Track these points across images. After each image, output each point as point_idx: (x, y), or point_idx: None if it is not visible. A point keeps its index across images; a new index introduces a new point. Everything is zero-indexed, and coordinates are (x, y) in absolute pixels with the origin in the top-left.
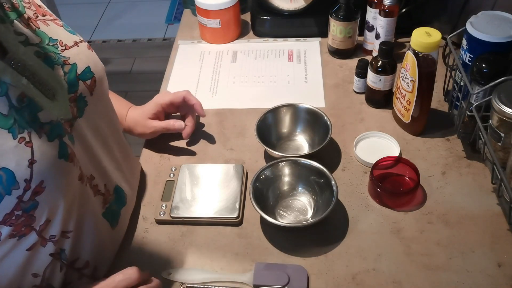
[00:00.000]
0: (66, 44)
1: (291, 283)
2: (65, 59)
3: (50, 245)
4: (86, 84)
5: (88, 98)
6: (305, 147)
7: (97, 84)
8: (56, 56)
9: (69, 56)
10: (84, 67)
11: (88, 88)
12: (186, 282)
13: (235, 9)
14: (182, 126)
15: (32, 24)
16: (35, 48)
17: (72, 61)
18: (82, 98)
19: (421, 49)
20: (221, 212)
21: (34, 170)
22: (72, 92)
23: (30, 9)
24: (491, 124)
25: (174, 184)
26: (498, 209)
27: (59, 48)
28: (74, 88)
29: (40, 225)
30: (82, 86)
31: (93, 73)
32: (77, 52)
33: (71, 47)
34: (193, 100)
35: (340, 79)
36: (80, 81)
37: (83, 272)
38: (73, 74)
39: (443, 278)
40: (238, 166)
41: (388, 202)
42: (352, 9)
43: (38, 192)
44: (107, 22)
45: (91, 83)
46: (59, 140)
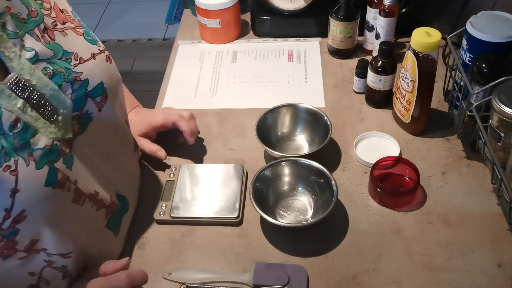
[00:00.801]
0: (81, 57)
1: (291, 283)
2: (76, 75)
3: (43, 254)
4: (96, 101)
5: (94, 114)
6: (305, 147)
7: (108, 100)
8: (67, 72)
9: (81, 72)
10: (97, 83)
11: (96, 105)
12: (186, 282)
13: (235, 9)
14: (162, 157)
15: (47, 36)
16: (44, 64)
17: (84, 76)
18: (87, 115)
19: (421, 49)
20: (221, 212)
21: (16, 200)
22: (78, 110)
23: (50, 16)
24: (491, 124)
25: (174, 184)
26: (498, 209)
27: (72, 63)
28: (80, 106)
29: (25, 246)
30: (91, 103)
31: (106, 89)
32: (92, 66)
33: (86, 60)
34: (183, 126)
35: (340, 79)
36: (89, 98)
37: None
38: (82, 91)
39: (443, 278)
40: (238, 166)
41: (388, 202)
42: (352, 9)
43: (18, 221)
44: (107, 22)
45: (101, 99)
46: (49, 167)
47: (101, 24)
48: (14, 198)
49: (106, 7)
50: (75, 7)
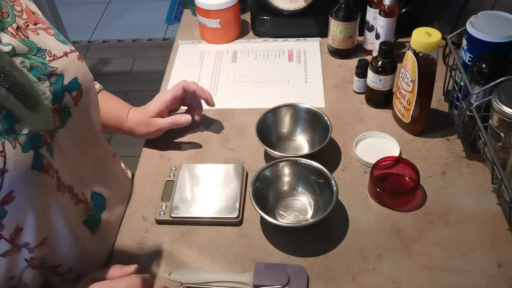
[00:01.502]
0: (54, 54)
1: (291, 283)
2: (52, 70)
3: (24, 251)
4: (72, 95)
5: (72, 109)
6: (305, 147)
7: (83, 95)
8: (43, 67)
9: (57, 67)
10: (72, 78)
11: (73, 99)
12: (186, 282)
13: (235, 9)
14: (189, 120)
15: (21, 33)
16: (21, 59)
17: (59, 71)
18: (66, 109)
19: (421, 49)
20: (221, 212)
21: (5, 180)
22: (57, 103)
23: (21, 17)
24: (491, 124)
25: (174, 184)
26: (498, 209)
27: (47, 59)
28: (59, 99)
29: (10, 234)
30: (68, 97)
31: (80, 84)
32: (65, 63)
33: (60, 57)
34: (192, 86)
35: (340, 79)
36: (66, 92)
37: (65, 277)
38: (59, 84)
39: (443, 278)
40: (238, 166)
41: (388, 202)
42: (352, 9)
43: (6, 202)
44: (107, 22)
45: (77, 94)
46: (35, 151)
47: (101, 24)
48: (3, 178)
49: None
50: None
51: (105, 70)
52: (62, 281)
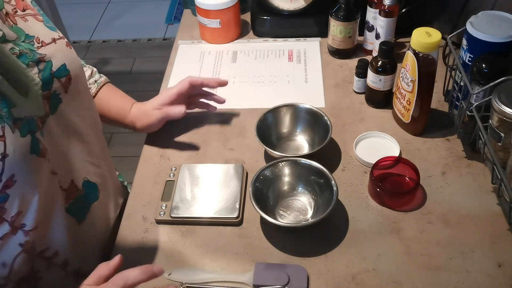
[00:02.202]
0: (43, 41)
1: (291, 283)
2: (40, 56)
3: (20, 234)
4: (61, 81)
5: (62, 95)
6: (305, 147)
7: (72, 82)
8: (32, 54)
9: (45, 53)
10: (60, 65)
11: (62, 85)
12: (186, 282)
13: (235, 9)
14: (182, 111)
15: (9, 20)
16: (10, 45)
17: (48, 58)
18: (56, 96)
19: (421, 49)
20: (221, 212)
21: (6, 164)
22: (46, 89)
23: (10, 3)
24: (491, 124)
25: (174, 184)
26: (498, 209)
27: (35, 45)
28: (48, 86)
29: (12, 217)
30: (57, 83)
31: (69, 70)
32: (54, 49)
33: (48, 44)
34: (198, 80)
35: (340, 79)
36: (55, 78)
37: (52, 261)
38: (47, 71)
39: (443, 278)
40: (238, 166)
41: (388, 202)
42: (352, 9)
43: (8, 186)
44: (107, 22)
45: (66, 80)
46: (32, 136)
47: (101, 24)
48: (4, 162)
49: (106, 7)
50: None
51: (105, 70)
52: (49, 266)
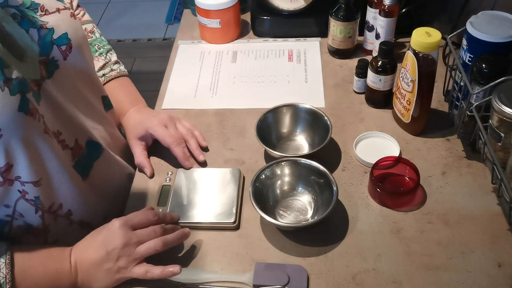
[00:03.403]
0: (47, 9)
1: (291, 283)
2: (42, 23)
3: (17, 184)
4: (61, 49)
5: (60, 62)
6: (305, 147)
7: (73, 50)
8: (34, 20)
9: (47, 21)
10: (61, 33)
11: (62, 53)
12: (186, 282)
13: (235, 9)
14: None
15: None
16: (12, 10)
17: (50, 25)
18: (53, 62)
19: (421, 49)
20: (217, 217)
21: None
22: (44, 54)
23: None
24: (491, 124)
25: (171, 188)
26: (498, 209)
27: (38, 13)
28: (47, 51)
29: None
30: (56, 50)
31: (70, 39)
32: (57, 19)
33: (51, 13)
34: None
35: (340, 79)
36: (55, 45)
37: (58, 213)
38: (48, 38)
39: (443, 278)
40: (234, 170)
41: (388, 202)
42: (352, 9)
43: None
44: (107, 22)
45: (66, 48)
46: (21, 95)
47: (101, 24)
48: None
49: (106, 7)
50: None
51: None
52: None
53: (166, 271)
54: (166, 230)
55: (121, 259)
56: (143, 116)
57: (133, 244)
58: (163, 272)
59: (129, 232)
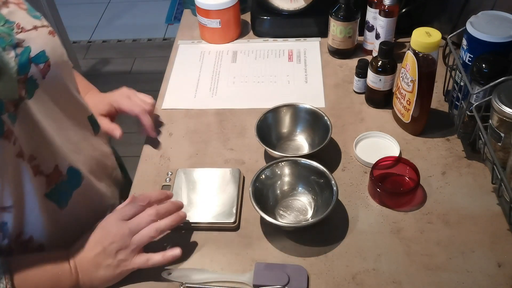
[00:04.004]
0: (23, 27)
1: (291, 283)
2: (18, 41)
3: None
4: (39, 67)
5: (39, 81)
6: (305, 147)
7: (51, 68)
8: (10, 37)
9: (23, 39)
10: (39, 51)
11: (40, 71)
12: (186, 282)
13: (235, 9)
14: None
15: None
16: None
17: (26, 43)
18: (32, 81)
19: (421, 49)
20: (217, 217)
21: None
22: (22, 73)
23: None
24: (491, 124)
25: (170, 189)
26: (498, 209)
27: (14, 30)
28: (25, 70)
29: None
30: (34, 68)
31: (48, 57)
32: (34, 36)
33: (28, 30)
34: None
35: (340, 79)
36: (33, 64)
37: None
38: (25, 56)
39: (443, 278)
40: (234, 170)
41: (388, 202)
42: (352, 9)
43: None
44: (107, 22)
45: (44, 66)
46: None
47: (101, 24)
48: None
49: (106, 7)
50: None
51: (105, 70)
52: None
53: (167, 256)
54: (159, 212)
55: (120, 252)
56: (101, 96)
57: (129, 234)
58: (164, 257)
59: (123, 224)
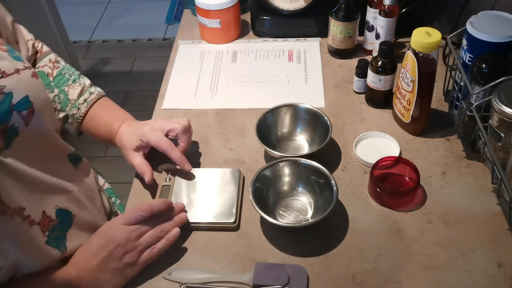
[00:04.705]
0: (4, 71)
1: (291, 283)
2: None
3: None
4: (22, 114)
5: (21, 128)
6: (305, 147)
7: (35, 114)
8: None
9: (5, 85)
10: (22, 97)
11: (23, 119)
12: (186, 282)
13: (235, 9)
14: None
15: None
16: None
17: (8, 89)
18: (13, 129)
19: (421, 49)
20: (217, 217)
21: None
22: (2, 123)
23: None
24: (491, 124)
25: (170, 189)
26: (498, 209)
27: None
28: (5, 119)
29: None
30: (16, 117)
31: (32, 102)
32: (15, 81)
33: (9, 74)
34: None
35: (340, 79)
36: (15, 111)
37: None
38: (6, 104)
39: (443, 278)
40: (234, 170)
41: (388, 202)
42: (352, 9)
43: None
44: (107, 22)
45: (27, 113)
46: None
47: (101, 24)
48: None
49: (106, 7)
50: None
51: (105, 70)
52: None
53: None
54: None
55: (126, 255)
56: (133, 128)
57: (134, 238)
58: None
59: (128, 228)
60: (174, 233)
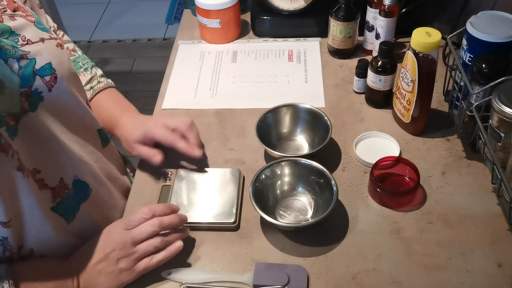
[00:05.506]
0: (29, 39)
1: (291, 283)
2: (23, 53)
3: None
4: (45, 80)
5: (45, 93)
6: (305, 147)
7: (58, 81)
8: (14, 50)
9: (29, 51)
10: (45, 63)
11: (46, 84)
12: (186, 282)
13: (235, 9)
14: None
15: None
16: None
17: (31, 56)
18: (37, 94)
19: (421, 49)
20: (217, 217)
21: None
22: (26, 86)
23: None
24: (491, 124)
25: (170, 189)
26: (498, 209)
27: (19, 43)
28: (29, 83)
29: None
30: (39, 81)
31: (54, 69)
32: (40, 48)
33: (34, 42)
34: (180, 147)
35: (340, 79)
36: (38, 76)
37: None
38: (29, 69)
39: (443, 278)
40: (234, 170)
41: (388, 202)
42: (352, 9)
43: None
44: (107, 22)
45: (50, 79)
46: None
47: (101, 24)
48: None
49: (106, 7)
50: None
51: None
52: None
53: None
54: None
55: (121, 261)
56: (137, 122)
57: (131, 244)
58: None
59: (126, 233)
60: (176, 246)
